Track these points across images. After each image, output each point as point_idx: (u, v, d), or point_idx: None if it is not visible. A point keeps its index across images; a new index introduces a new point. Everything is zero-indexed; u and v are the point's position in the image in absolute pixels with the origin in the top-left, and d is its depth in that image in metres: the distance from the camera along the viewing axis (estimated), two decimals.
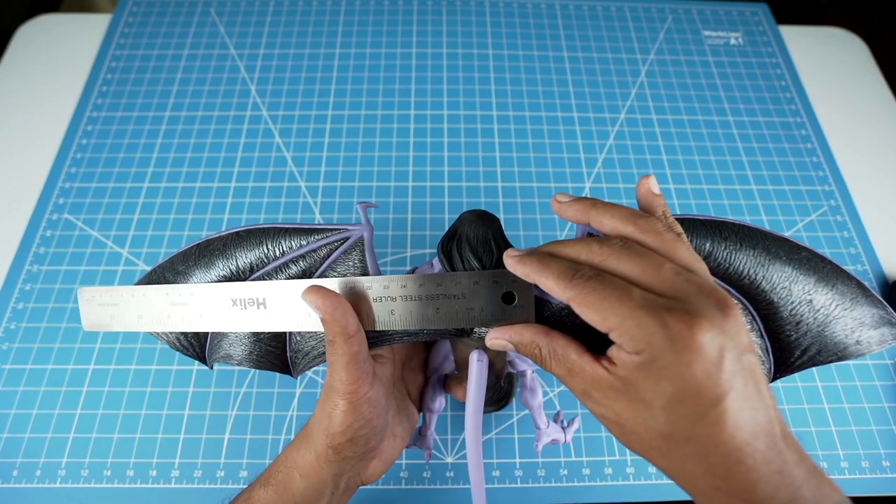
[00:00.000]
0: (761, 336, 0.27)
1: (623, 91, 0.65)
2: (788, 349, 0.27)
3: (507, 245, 0.28)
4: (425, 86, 0.64)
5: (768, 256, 0.26)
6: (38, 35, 0.67)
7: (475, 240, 0.27)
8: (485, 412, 0.45)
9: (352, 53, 0.66)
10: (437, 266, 0.30)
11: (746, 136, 0.62)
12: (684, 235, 0.25)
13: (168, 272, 0.31)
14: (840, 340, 0.26)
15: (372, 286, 0.28)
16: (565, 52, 0.68)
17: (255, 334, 0.31)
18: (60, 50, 0.66)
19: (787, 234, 0.55)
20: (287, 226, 0.30)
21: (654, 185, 0.26)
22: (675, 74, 0.66)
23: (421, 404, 0.35)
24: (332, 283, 0.28)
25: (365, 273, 0.29)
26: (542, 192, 0.57)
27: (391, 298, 0.27)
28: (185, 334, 0.32)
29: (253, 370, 0.47)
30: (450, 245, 0.28)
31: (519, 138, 0.61)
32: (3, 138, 0.60)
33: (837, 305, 0.26)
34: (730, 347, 0.21)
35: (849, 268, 0.53)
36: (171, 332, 0.32)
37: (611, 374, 0.22)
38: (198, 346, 0.32)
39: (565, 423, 0.36)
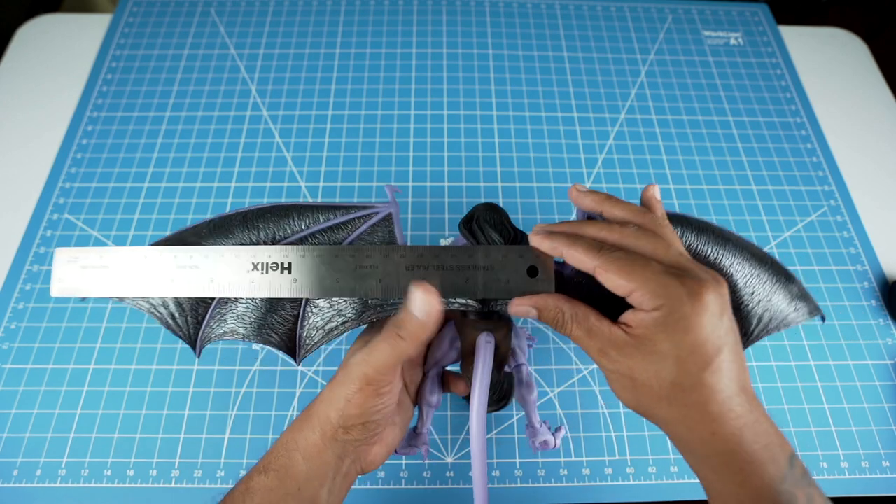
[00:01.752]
0: None
1: (623, 91, 0.65)
2: (748, 319, 0.31)
3: (517, 231, 0.31)
4: (425, 86, 0.64)
5: (721, 240, 0.31)
6: (38, 35, 0.67)
7: (492, 221, 0.31)
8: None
9: (352, 53, 0.66)
10: (460, 243, 0.31)
11: (746, 136, 0.62)
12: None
13: (176, 244, 0.30)
14: (783, 308, 0.31)
15: (406, 255, 0.29)
16: (565, 52, 0.68)
17: (271, 305, 0.31)
18: (60, 50, 0.66)
19: (786, 234, 0.56)
20: (315, 202, 0.31)
21: (657, 192, 0.31)
22: (675, 74, 0.66)
23: (418, 399, 0.35)
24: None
25: None
26: (542, 192, 0.57)
27: (423, 267, 0.29)
28: (181, 311, 0.30)
29: (254, 370, 0.47)
30: (471, 224, 0.31)
31: (519, 138, 0.61)
32: (4, 138, 0.60)
33: (776, 280, 0.31)
34: (726, 308, 0.26)
35: (849, 268, 0.54)
36: (165, 309, 0.30)
37: (627, 334, 0.26)
38: (193, 324, 0.30)
39: (552, 430, 0.36)
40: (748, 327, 0.31)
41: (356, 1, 0.71)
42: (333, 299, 0.30)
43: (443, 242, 0.52)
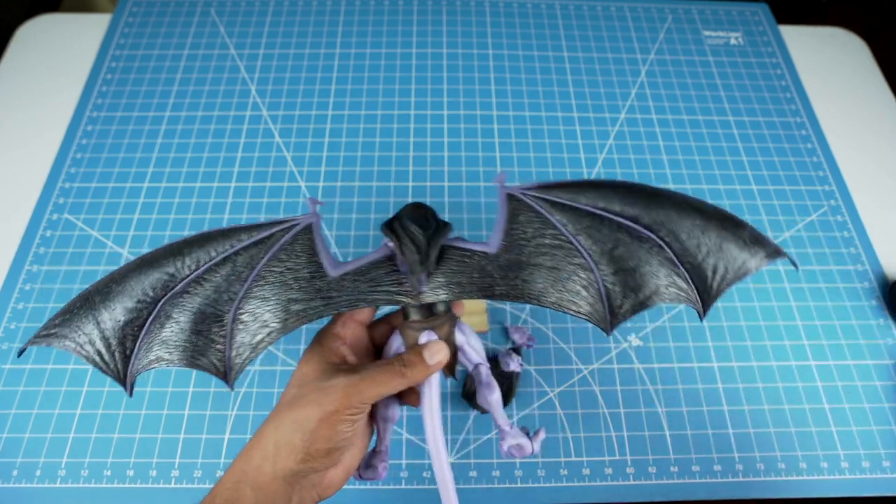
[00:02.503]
0: (676, 265, 0.30)
1: (623, 91, 0.65)
2: (703, 272, 0.30)
3: (440, 222, 0.30)
4: (425, 86, 0.64)
5: (652, 198, 0.30)
6: (38, 35, 0.67)
7: (413, 216, 0.30)
8: (484, 413, 0.45)
9: (352, 53, 0.66)
10: (383, 252, 0.30)
11: (746, 136, 0.62)
12: None
13: (107, 283, 0.29)
14: (737, 256, 0.30)
15: None
16: (565, 52, 0.68)
17: (195, 327, 0.29)
18: (60, 50, 0.66)
19: (786, 234, 0.55)
20: (238, 225, 0.30)
21: None
22: (675, 74, 0.66)
23: (374, 416, 0.32)
24: None
25: (313, 259, 0.29)
26: None
27: None
28: (108, 347, 0.29)
29: (254, 370, 0.47)
30: (392, 223, 0.30)
31: (519, 138, 0.61)
32: (4, 138, 0.60)
33: (722, 227, 0.30)
34: None
35: (849, 268, 0.54)
36: (91, 346, 0.28)
37: None
38: (121, 359, 0.29)
39: (531, 433, 0.33)
40: (705, 281, 0.30)
41: (356, 1, 0.71)
42: (257, 311, 0.29)
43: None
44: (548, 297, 0.29)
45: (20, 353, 0.29)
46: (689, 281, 0.30)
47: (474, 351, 0.32)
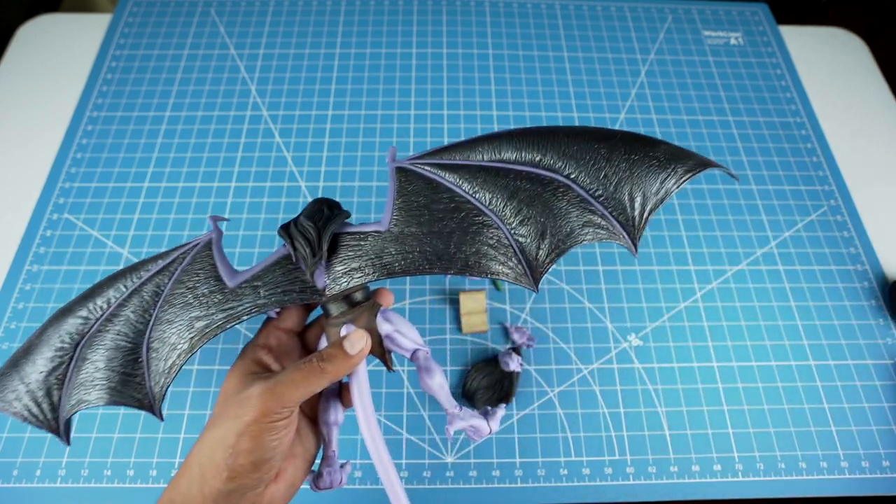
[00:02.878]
0: (588, 202, 0.29)
1: (623, 91, 0.65)
2: (619, 203, 0.29)
3: (337, 211, 0.29)
4: (425, 86, 0.64)
5: (546, 136, 0.29)
6: (38, 35, 0.67)
7: (309, 211, 0.29)
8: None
9: (352, 53, 0.66)
10: (280, 253, 0.30)
11: (746, 136, 0.62)
12: None
13: (26, 344, 0.30)
14: (652, 178, 0.29)
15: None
16: (565, 52, 0.68)
17: (108, 364, 0.29)
18: (60, 50, 0.66)
19: (786, 234, 0.55)
20: (145, 259, 0.31)
21: None
22: (675, 74, 0.66)
23: (317, 420, 0.32)
24: None
25: (212, 274, 0.29)
26: None
27: None
28: (36, 403, 0.29)
29: None
30: (288, 223, 0.29)
31: None
32: (4, 138, 0.60)
33: (629, 151, 0.29)
34: None
35: (849, 268, 0.54)
36: (19, 402, 0.29)
37: None
38: (49, 409, 0.29)
39: (488, 413, 0.32)
40: (625, 210, 0.29)
41: (356, 1, 0.71)
42: (165, 336, 0.29)
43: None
44: (453, 263, 0.28)
45: None
46: (607, 216, 0.29)
47: (406, 338, 0.30)
